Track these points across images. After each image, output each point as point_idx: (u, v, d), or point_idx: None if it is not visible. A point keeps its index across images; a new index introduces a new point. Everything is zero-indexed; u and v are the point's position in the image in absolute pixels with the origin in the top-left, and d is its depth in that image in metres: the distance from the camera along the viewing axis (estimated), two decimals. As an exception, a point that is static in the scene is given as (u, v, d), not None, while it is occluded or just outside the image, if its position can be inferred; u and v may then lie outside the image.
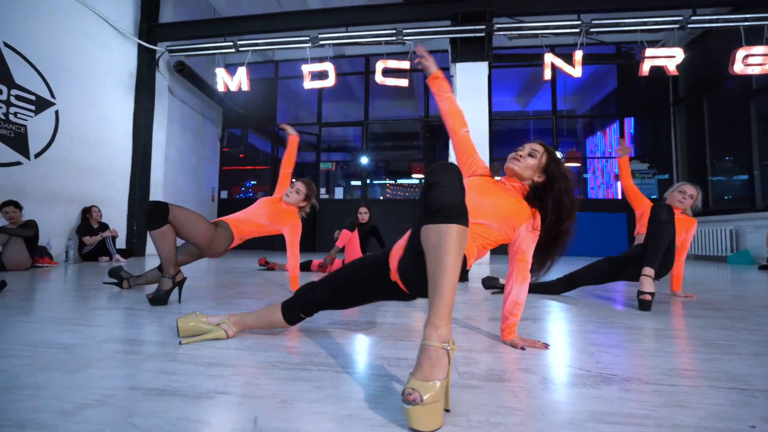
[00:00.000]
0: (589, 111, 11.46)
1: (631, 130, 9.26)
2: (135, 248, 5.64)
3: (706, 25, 5.14)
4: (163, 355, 1.16)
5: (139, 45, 5.80)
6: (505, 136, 11.97)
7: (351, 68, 9.32)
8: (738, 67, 4.80)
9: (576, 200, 1.25)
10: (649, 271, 2.00)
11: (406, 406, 0.71)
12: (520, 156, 1.27)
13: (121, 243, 5.37)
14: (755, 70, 4.80)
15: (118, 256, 4.85)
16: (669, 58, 4.96)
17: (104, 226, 4.98)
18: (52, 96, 4.57)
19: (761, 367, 1.11)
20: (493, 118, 8.91)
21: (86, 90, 5.01)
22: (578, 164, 10.96)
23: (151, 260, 5.14)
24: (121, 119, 5.61)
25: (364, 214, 4.20)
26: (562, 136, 10.10)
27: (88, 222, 4.89)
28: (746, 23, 4.86)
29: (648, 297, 1.94)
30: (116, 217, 5.45)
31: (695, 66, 7.14)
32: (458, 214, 0.81)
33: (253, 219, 2.39)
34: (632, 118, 9.04)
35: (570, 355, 1.23)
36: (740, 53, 4.78)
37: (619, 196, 8.77)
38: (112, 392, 0.89)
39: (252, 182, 11.67)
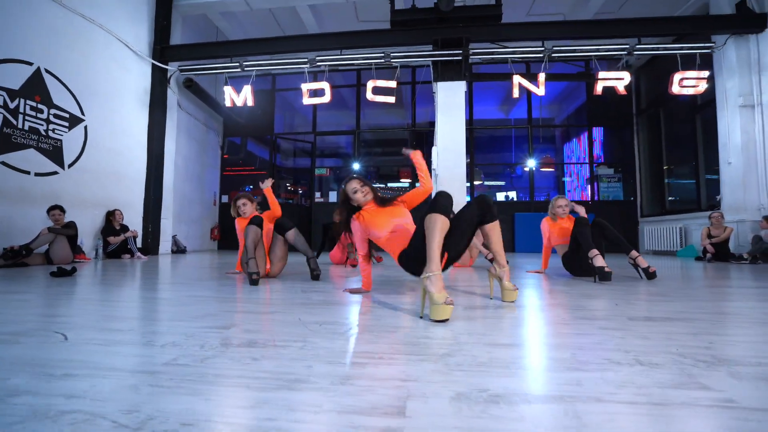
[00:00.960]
0: (566, 119, 12.33)
1: (601, 138, 10.14)
2: (150, 247, 6.25)
3: (649, 52, 5.98)
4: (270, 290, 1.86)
5: (153, 65, 6.44)
6: (487, 142, 12.82)
7: (343, 80, 10.02)
8: (675, 89, 5.63)
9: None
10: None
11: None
12: (367, 192, 2.14)
13: (137, 242, 5.96)
14: (689, 91, 5.64)
15: (139, 254, 5.47)
16: (618, 80, 5.77)
17: (125, 228, 5.59)
18: (82, 113, 5.19)
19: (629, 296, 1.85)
20: (474, 126, 9.72)
21: (109, 106, 5.64)
22: (552, 169, 11.85)
23: (164, 258, 5.77)
24: (138, 131, 6.24)
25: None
26: (540, 143, 10.96)
27: (112, 224, 5.50)
28: (681, 51, 5.70)
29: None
30: (133, 219, 6.06)
31: (652, 82, 8.02)
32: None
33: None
34: (601, 128, 9.91)
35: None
36: (677, 76, 5.62)
37: (589, 198, 9.61)
38: (277, 309, 1.60)
39: (249, 187, 12.31)
